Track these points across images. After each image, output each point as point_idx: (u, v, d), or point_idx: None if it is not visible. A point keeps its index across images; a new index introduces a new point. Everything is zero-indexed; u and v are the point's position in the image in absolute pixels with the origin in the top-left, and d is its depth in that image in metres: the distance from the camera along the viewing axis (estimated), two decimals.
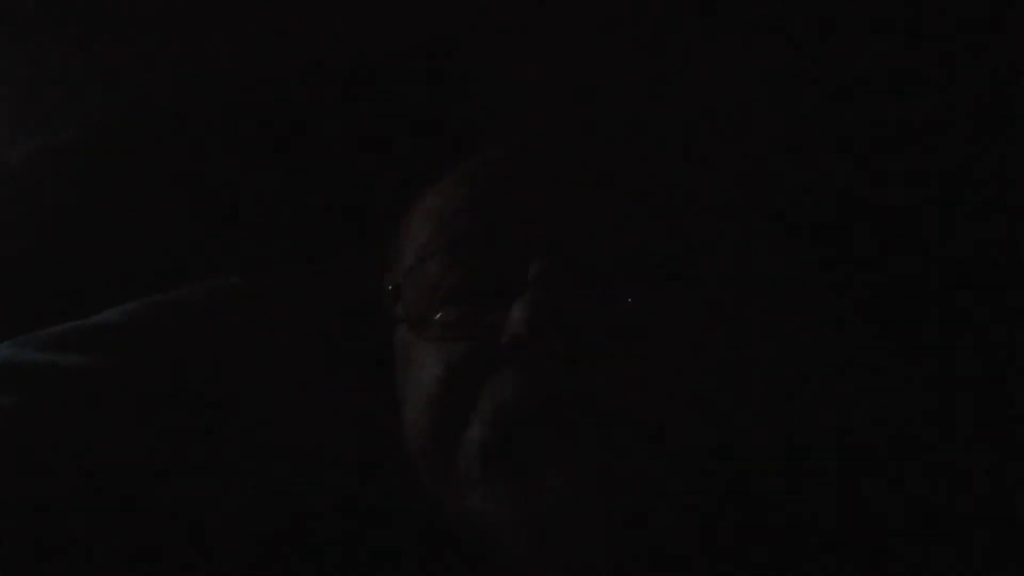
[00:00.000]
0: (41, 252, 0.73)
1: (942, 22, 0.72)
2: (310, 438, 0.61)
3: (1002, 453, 0.60)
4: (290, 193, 0.75)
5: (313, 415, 0.62)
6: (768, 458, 0.57)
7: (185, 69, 0.79)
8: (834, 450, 0.59)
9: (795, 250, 0.67)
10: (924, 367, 0.64)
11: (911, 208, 0.70)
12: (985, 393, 0.63)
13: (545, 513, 0.50)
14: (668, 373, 0.53)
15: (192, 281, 0.68)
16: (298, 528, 0.57)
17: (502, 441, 0.51)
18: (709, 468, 0.54)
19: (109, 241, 0.73)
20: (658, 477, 0.52)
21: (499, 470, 0.51)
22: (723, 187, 0.66)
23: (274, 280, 0.68)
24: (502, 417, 0.51)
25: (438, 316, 0.55)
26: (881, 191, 0.71)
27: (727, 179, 0.67)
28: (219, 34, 0.78)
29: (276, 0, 0.77)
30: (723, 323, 0.57)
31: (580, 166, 0.59)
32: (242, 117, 0.76)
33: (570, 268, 0.53)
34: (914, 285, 0.67)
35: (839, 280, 0.68)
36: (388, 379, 0.60)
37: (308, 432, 0.61)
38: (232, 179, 0.75)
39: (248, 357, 0.63)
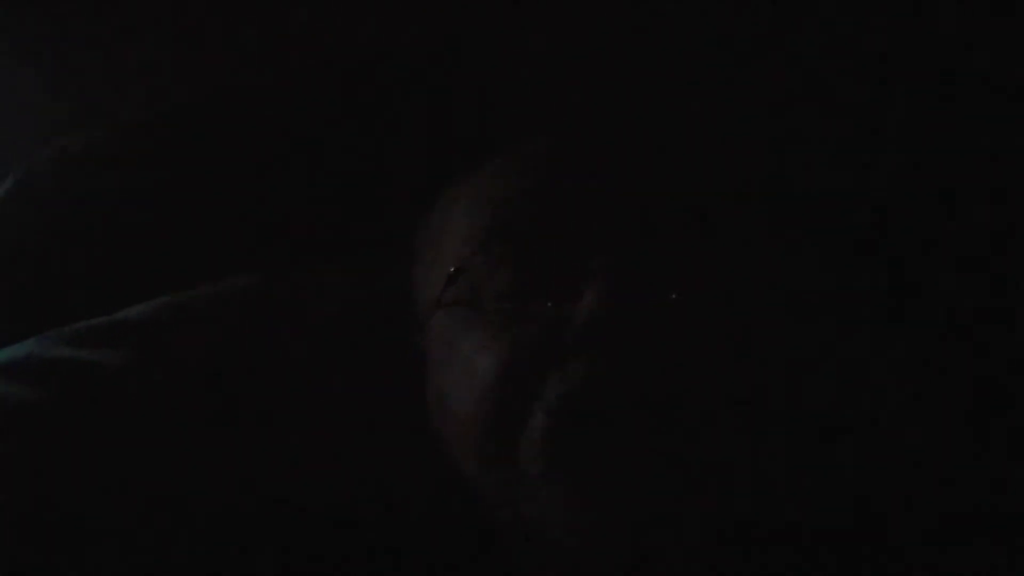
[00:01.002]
0: (64, 251, 0.73)
1: (943, 22, 0.73)
2: (335, 434, 0.61)
3: (1007, 451, 0.60)
4: (310, 190, 0.75)
5: (337, 411, 0.62)
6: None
7: (201, 72, 0.79)
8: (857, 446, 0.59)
9: (814, 247, 0.67)
10: (938, 366, 0.64)
11: (918, 203, 0.70)
12: (991, 390, 0.63)
13: (612, 510, 0.50)
14: (731, 364, 0.53)
15: (215, 278, 0.68)
16: (324, 526, 0.57)
17: (570, 430, 0.50)
18: (777, 459, 0.54)
19: (132, 239, 0.73)
20: (732, 475, 0.52)
21: (564, 460, 0.50)
22: (763, 179, 0.67)
23: (295, 277, 0.68)
24: (572, 405, 0.50)
25: (500, 302, 0.55)
26: (891, 189, 0.71)
27: (765, 172, 0.67)
28: (235, 35, 0.79)
29: None
30: (775, 316, 0.57)
31: (633, 157, 0.59)
32: (263, 115, 0.77)
33: (634, 260, 0.53)
34: (929, 284, 0.68)
35: (857, 279, 0.68)
36: (416, 373, 0.60)
37: (333, 428, 0.61)
38: (252, 177, 0.75)
39: (271, 353, 0.63)
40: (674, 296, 0.53)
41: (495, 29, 0.77)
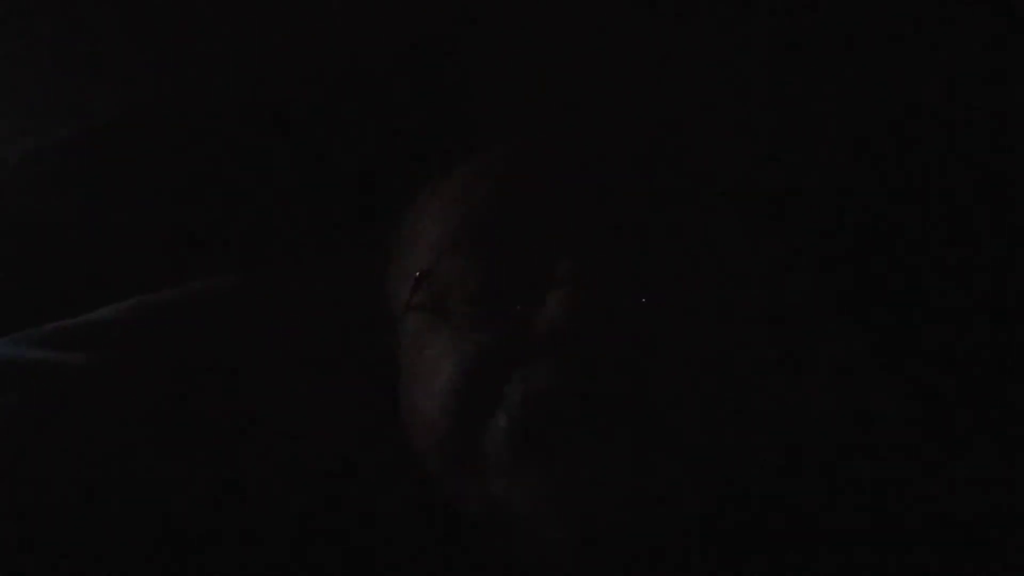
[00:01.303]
0: (37, 250, 0.73)
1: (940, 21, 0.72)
2: (309, 435, 0.61)
3: (998, 454, 0.60)
4: (288, 191, 0.75)
5: (312, 412, 0.62)
6: (777, 453, 0.58)
7: (182, 69, 0.79)
8: (833, 449, 0.59)
9: (796, 248, 0.68)
10: (921, 367, 0.64)
11: (907, 208, 0.70)
12: (982, 392, 0.64)
13: (575, 497, 0.51)
14: (697, 366, 0.54)
15: (189, 279, 0.68)
16: (299, 526, 0.57)
17: (533, 427, 0.51)
18: (731, 460, 0.55)
19: (106, 239, 0.73)
20: (688, 467, 0.53)
21: (528, 454, 0.51)
22: (730, 182, 0.67)
23: (271, 277, 0.69)
24: (534, 404, 0.51)
25: (464, 307, 0.56)
26: (879, 194, 0.71)
27: (733, 174, 0.67)
28: (217, 34, 0.78)
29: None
30: (740, 319, 0.57)
31: (597, 161, 0.60)
32: (239, 116, 0.76)
33: (599, 265, 0.54)
34: (912, 286, 0.68)
35: (841, 284, 0.68)
36: (389, 375, 0.60)
37: (307, 429, 0.61)
38: (229, 177, 0.75)
39: (245, 354, 0.64)
40: (643, 300, 0.54)
41: (476, 31, 0.77)
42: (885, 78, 0.74)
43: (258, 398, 0.62)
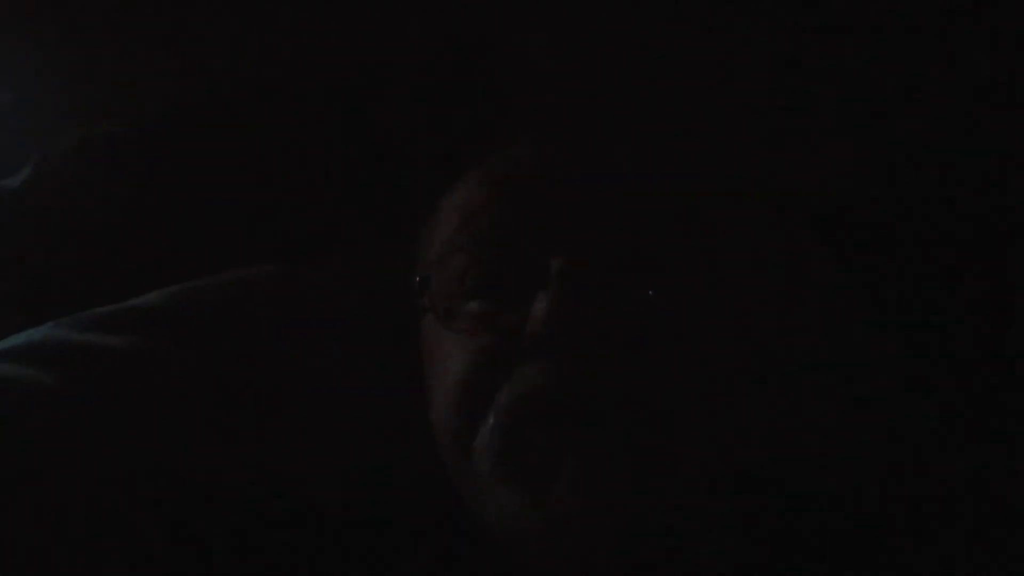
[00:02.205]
0: (81, 238, 0.74)
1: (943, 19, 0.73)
2: (341, 425, 0.62)
3: (1003, 454, 0.61)
4: (324, 186, 0.76)
5: (344, 402, 0.63)
6: (778, 456, 0.58)
7: (222, 66, 0.80)
8: (837, 450, 0.59)
9: (804, 247, 0.68)
10: (926, 366, 0.65)
11: (916, 207, 0.70)
12: (987, 394, 0.64)
13: (557, 512, 0.50)
14: (687, 368, 0.53)
15: (228, 268, 0.69)
16: (326, 513, 0.58)
17: (516, 433, 0.51)
18: (726, 466, 0.54)
19: (150, 228, 0.74)
20: (676, 476, 0.52)
21: (511, 464, 0.51)
22: (737, 183, 0.66)
23: (307, 269, 0.69)
24: (519, 409, 0.51)
25: (464, 309, 0.56)
26: (887, 191, 0.71)
27: (739, 175, 0.67)
28: (254, 32, 0.80)
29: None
30: (739, 318, 0.57)
31: (598, 163, 0.59)
32: (277, 112, 0.78)
33: (590, 263, 0.53)
34: (920, 285, 0.68)
35: (848, 276, 0.68)
36: (417, 369, 0.60)
37: (339, 419, 0.62)
38: (268, 172, 0.76)
39: (281, 343, 0.64)
40: (625, 300, 0.53)
41: (506, 33, 0.79)
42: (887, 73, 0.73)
43: (292, 385, 0.63)
